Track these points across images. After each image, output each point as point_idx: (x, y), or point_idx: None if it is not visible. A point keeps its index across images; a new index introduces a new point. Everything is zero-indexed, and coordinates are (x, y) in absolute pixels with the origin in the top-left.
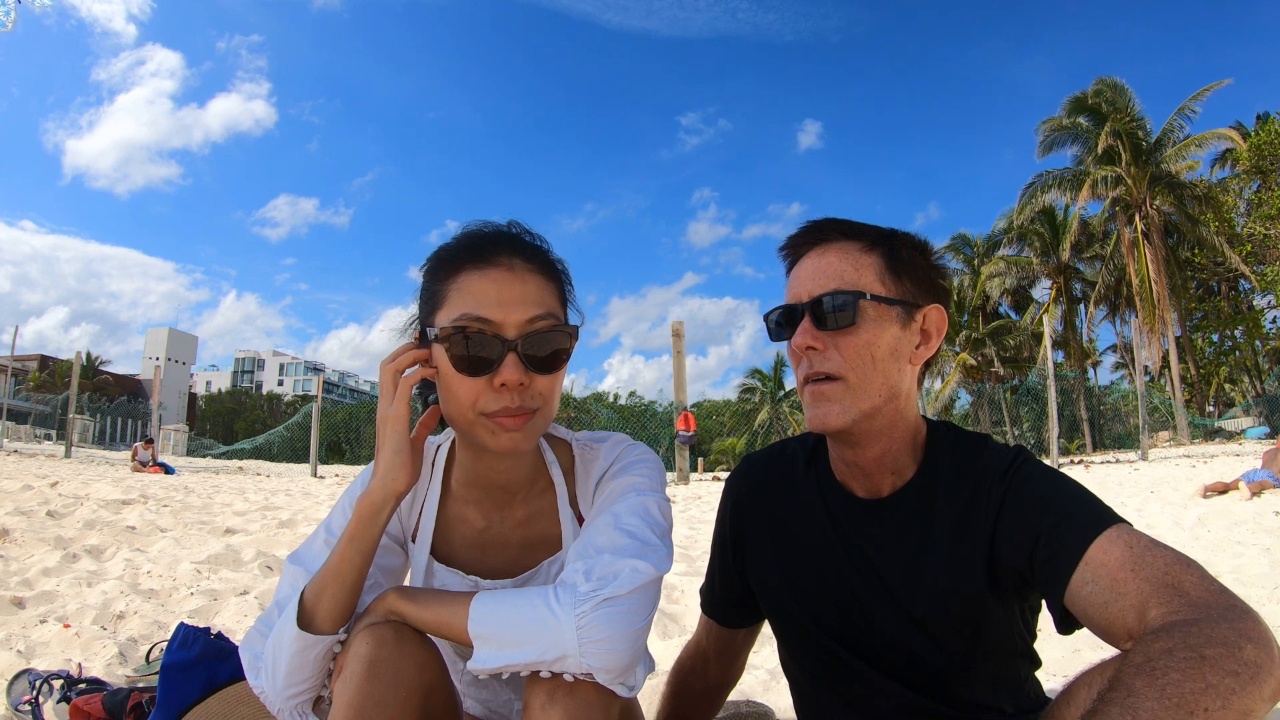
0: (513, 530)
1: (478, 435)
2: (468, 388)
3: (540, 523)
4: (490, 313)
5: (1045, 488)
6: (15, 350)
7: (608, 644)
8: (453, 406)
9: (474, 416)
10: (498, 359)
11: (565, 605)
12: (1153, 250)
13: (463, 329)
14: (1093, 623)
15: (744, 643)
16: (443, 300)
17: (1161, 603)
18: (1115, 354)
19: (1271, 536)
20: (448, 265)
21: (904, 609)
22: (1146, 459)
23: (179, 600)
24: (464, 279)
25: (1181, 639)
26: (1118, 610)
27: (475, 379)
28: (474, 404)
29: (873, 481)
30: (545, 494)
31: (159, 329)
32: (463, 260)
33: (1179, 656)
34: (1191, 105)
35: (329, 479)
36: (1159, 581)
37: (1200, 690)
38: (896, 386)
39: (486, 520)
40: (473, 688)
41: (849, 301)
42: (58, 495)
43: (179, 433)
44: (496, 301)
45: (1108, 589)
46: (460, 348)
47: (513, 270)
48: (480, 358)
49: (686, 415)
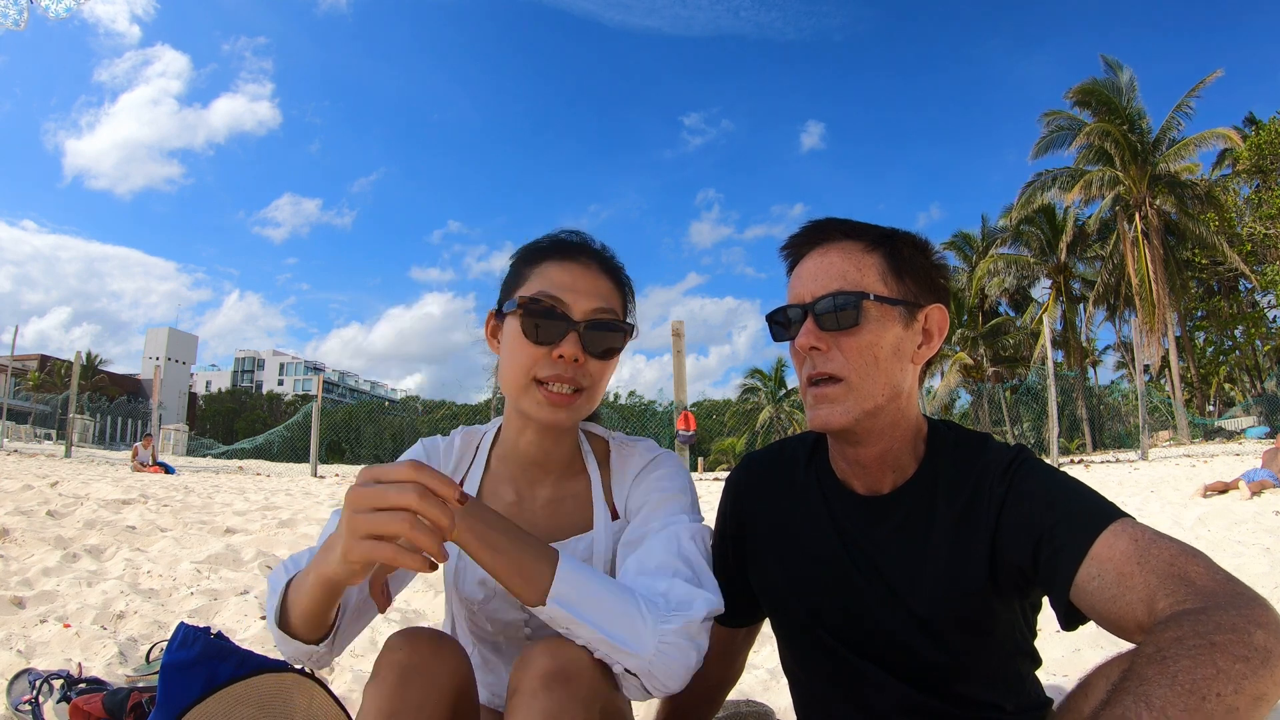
0: (541, 508)
1: (526, 404)
2: (529, 354)
3: (568, 504)
4: (563, 294)
5: (1047, 485)
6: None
7: (677, 666)
8: (511, 371)
9: (527, 382)
10: (561, 334)
11: (651, 617)
12: (1152, 250)
13: (538, 301)
14: (1101, 617)
15: (744, 642)
16: (523, 281)
17: (1169, 593)
18: (1115, 353)
19: (1271, 536)
20: (535, 255)
21: (905, 605)
22: (1146, 458)
23: (179, 600)
24: (546, 266)
25: (1191, 627)
26: (1126, 604)
27: (538, 347)
28: (530, 369)
29: (874, 479)
30: (577, 479)
31: (159, 329)
32: (548, 253)
33: (1189, 644)
34: (1188, 102)
35: (329, 479)
36: (1165, 573)
37: (1211, 676)
38: (899, 386)
39: (518, 495)
40: (479, 671)
41: (852, 302)
42: (58, 495)
43: (179, 432)
44: (570, 287)
45: (1115, 583)
46: (531, 316)
47: (588, 268)
48: (547, 328)
49: (687, 415)
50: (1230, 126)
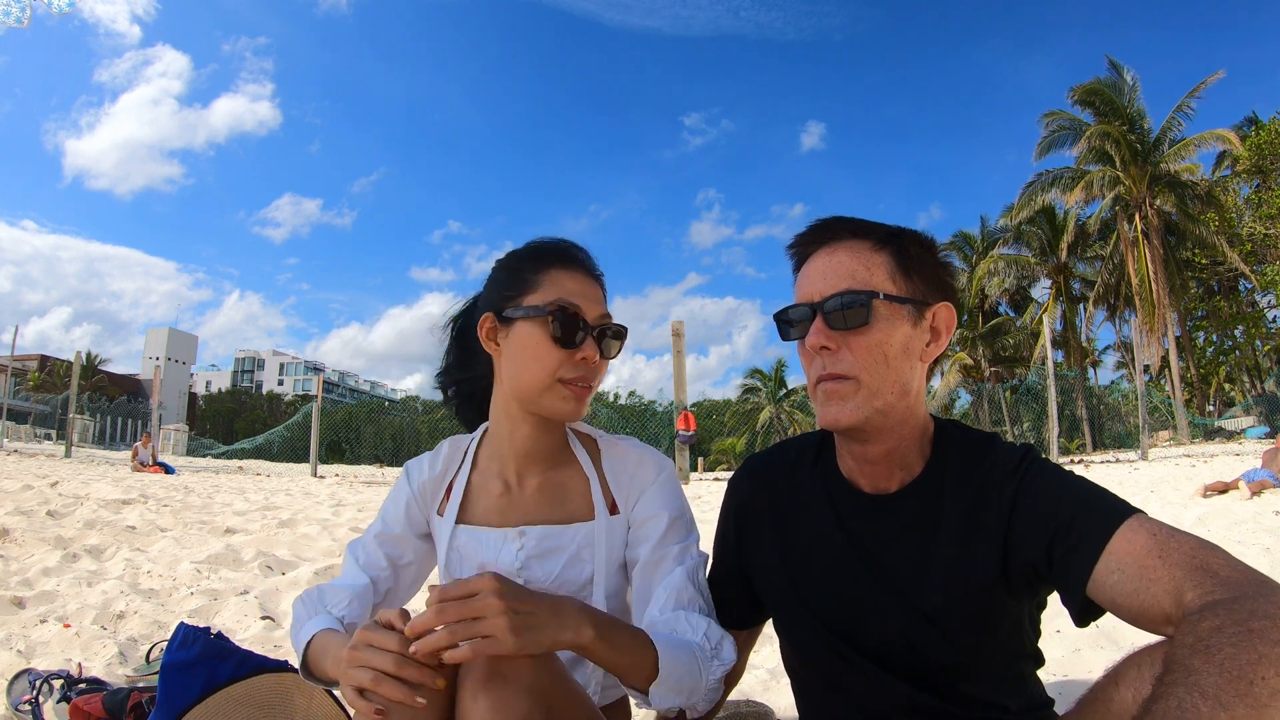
0: (531, 495)
1: (547, 400)
2: (556, 358)
3: (558, 491)
4: (580, 302)
5: (1057, 484)
6: (15, 350)
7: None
8: (534, 373)
9: (552, 383)
10: (582, 340)
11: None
12: (1152, 250)
13: (564, 308)
14: (1123, 610)
15: (745, 643)
16: (533, 287)
17: (1195, 584)
18: (1115, 353)
19: (1271, 536)
20: (538, 259)
21: (910, 604)
22: (1146, 458)
23: (179, 600)
24: (555, 273)
25: (1227, 616)
26: (1150, 596)
27: (564, 350)
28: (555, 371)
29: (880, 477)
30: (563, 468)
31: (159, 329)
32: (552, 259)
33: (1229, 632)
34: (1189, 103)
35: (329, 479)
36: (1189, 565)
37: (1255, 660)
38: (908, 384)
39: (506, 485)
40: None
41: (861, 301)
42: (58, 495)
43: (179, 432)
44: (583, 295)
45: (1137, 576)
46: (559, 324)
47: (590, 276)
48: (571, 334)
49: (686, 415)
50: (1230, 127)
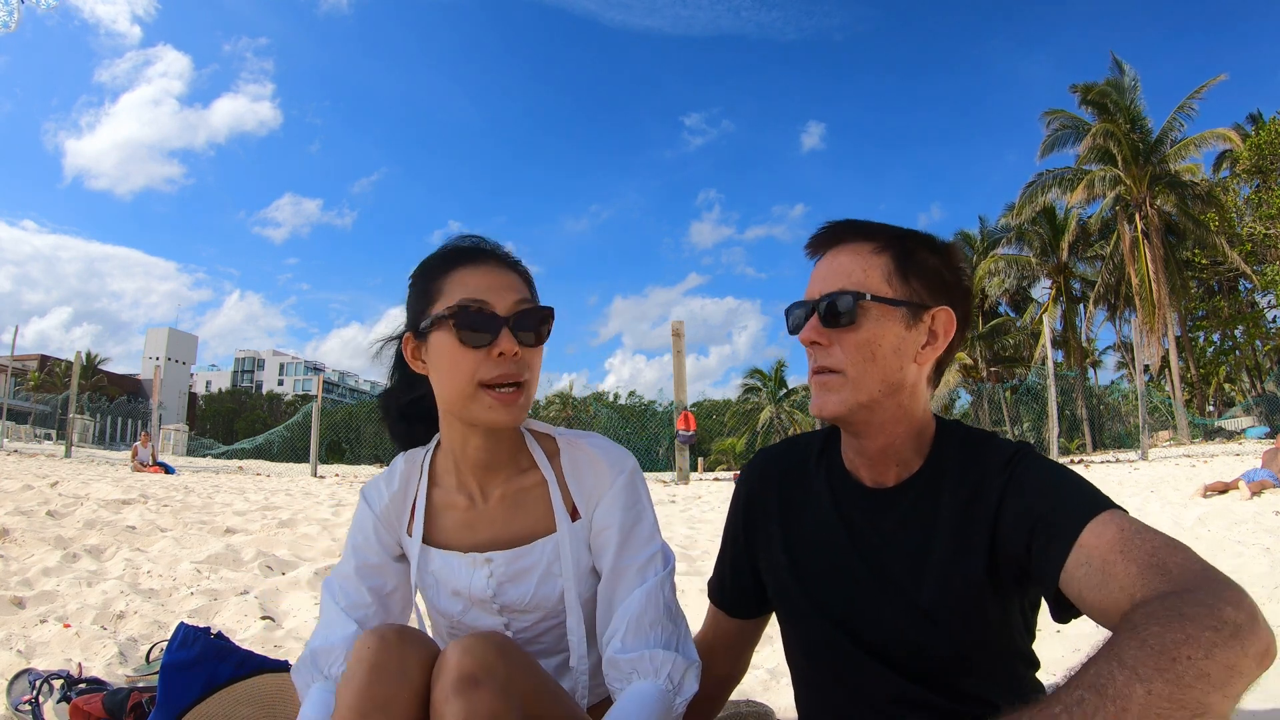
0: (495, 507)
1: (474, 411)
2: (470, 360)
3: (521, 500)
4: (487, 296)
5: (1044, 477)
6: (15, 350)
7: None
8: (453, 382)
9: (473, 390)
10: (495, 332)
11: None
12: (1153, 250)
13: (465, 307)
14: (1087, 605)
15: (751, 635)
16: (439, 294)
17: (1146, 583)
18: (1115, 353)
19: (1271, 536)
20: (441, 267)
21: (907, 597)
22: (1146, 458)
23: (179, 600)
24: (458, 274)
25: (1160, 603)
26: (1108, 593)
27: (476, 351)
28: (473, 374)
29: (879, 471)
30: (526, 475)
31: (159, 329)
32: (455, 261)
33: (1159, 616)
34: (1190, 104)
35: (329, 479)
36: (1146, 563)
37: (1181, 640)
38: (898, 382)
39: (470, 499)
40: None
41: (849, 302)
42: (58, 495)
43: (179, 432)
44: (489, 288)
45: (1100, 571)
46: (464, 324)
47: (497, 266)
48: (481, 331)
49: (687, 415)
50: (1231, 126)
